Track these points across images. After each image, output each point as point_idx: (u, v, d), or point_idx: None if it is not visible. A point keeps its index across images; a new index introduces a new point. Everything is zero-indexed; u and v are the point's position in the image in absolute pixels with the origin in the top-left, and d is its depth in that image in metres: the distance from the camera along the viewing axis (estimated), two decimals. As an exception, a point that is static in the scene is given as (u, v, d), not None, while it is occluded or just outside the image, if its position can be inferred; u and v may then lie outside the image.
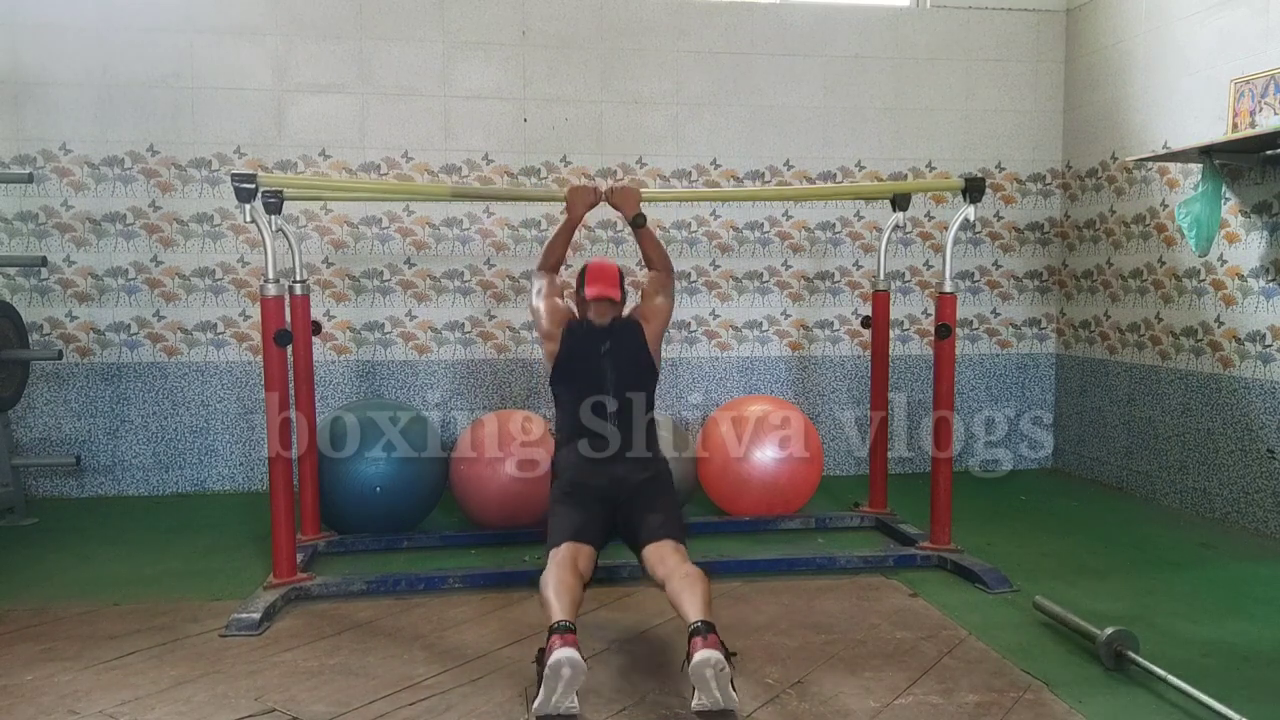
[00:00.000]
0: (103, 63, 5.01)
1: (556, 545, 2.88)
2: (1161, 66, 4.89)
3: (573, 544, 2.87)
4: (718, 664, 2.41)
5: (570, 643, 2.45)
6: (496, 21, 5.28)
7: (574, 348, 3.19)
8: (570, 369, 3.19)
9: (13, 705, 2.62)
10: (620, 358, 3.18)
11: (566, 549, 2.85)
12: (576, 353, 3.18)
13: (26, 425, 5.07)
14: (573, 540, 2.89)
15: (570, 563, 2.80)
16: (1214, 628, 3.19)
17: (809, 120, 5.56)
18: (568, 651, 2.42)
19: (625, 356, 3.18)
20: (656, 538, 2.91)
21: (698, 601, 2.60)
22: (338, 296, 5.28)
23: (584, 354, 3.18)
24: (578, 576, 2.76)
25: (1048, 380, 5.90)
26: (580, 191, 3.45)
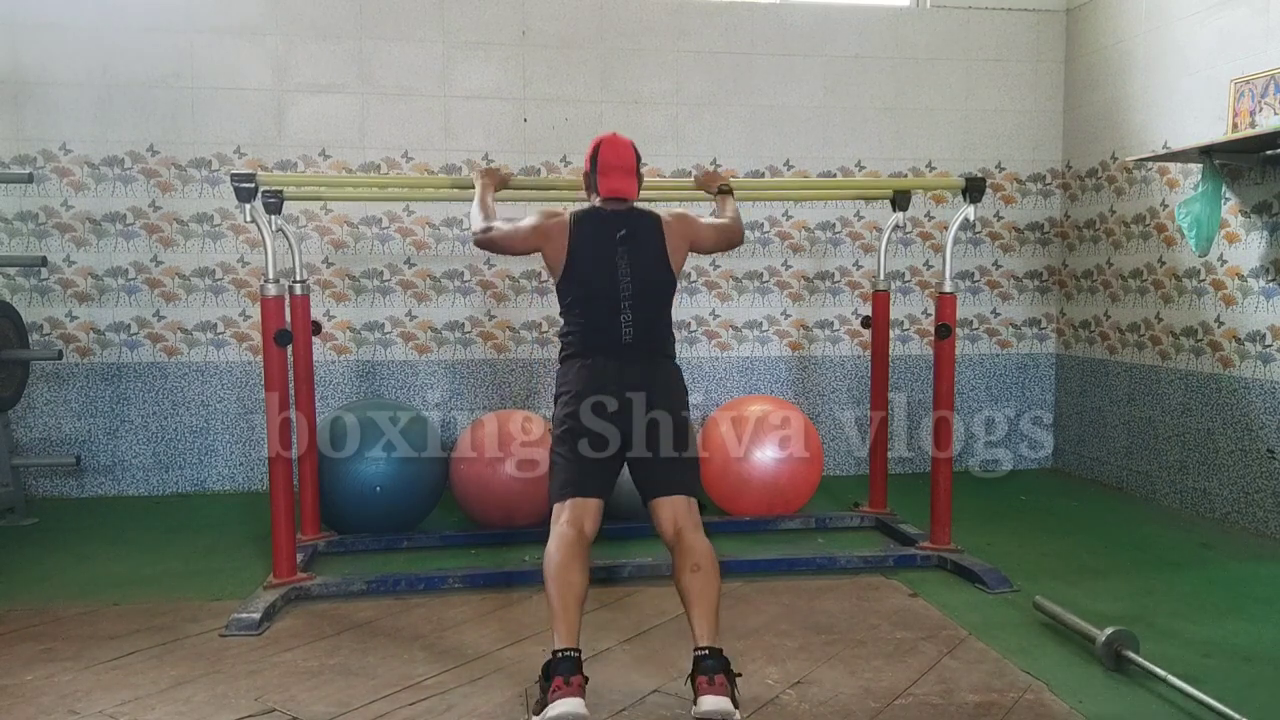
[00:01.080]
0: (103, 63, 5.01)
1: (560, 499, 2.69)
2: (1161, 66, 4.89)
3: (578, 501, 2.67)
4: (727, 716, 2.32)
5: (575, 689, 2.31)
6: (496, 21, 5.28)
7: (588, 237, 2.80)
8: (584, 263, 2.79)
9: (13, 705, 2.62)
10: (636, 251, 2.80)
11: (570, 510, 2.66)
12: (591, 243, 2.80)
13: (26, 425, 5.07)
14: (577, 495, 2.68)
15: (575, 532, 2.61)
16: (1214, 628, 3.18)
17: (809, 120, 5.56)
18: (571, 705, 2.28)
19: (642, 251, 2.81)
20: (668, 491, 2.71)
21: (708, 616, 2.48)
22: (338, 296, 5.28)
23: (598, 244, 2.79)
24: (584, 551, 2.60)
25: (1048, 380, 5.90)
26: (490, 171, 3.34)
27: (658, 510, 2.72)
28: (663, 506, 2.71)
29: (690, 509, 2.72)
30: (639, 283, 2.79)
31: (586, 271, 2.80)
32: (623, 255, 2.79)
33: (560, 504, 2.70)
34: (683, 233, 2.92)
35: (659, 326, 2.87)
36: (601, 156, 2.90)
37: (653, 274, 2.83)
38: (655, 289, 2.85)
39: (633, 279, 2.79)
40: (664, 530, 2.70)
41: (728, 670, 2.42)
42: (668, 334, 2.90)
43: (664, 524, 2.70)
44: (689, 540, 2.64)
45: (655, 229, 2.86)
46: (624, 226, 2.81)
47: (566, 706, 2.28)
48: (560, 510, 2.69)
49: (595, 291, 2.79)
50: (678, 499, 2.71)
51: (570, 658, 2.39)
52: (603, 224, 2.83)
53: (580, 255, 2.80)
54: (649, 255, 2.83)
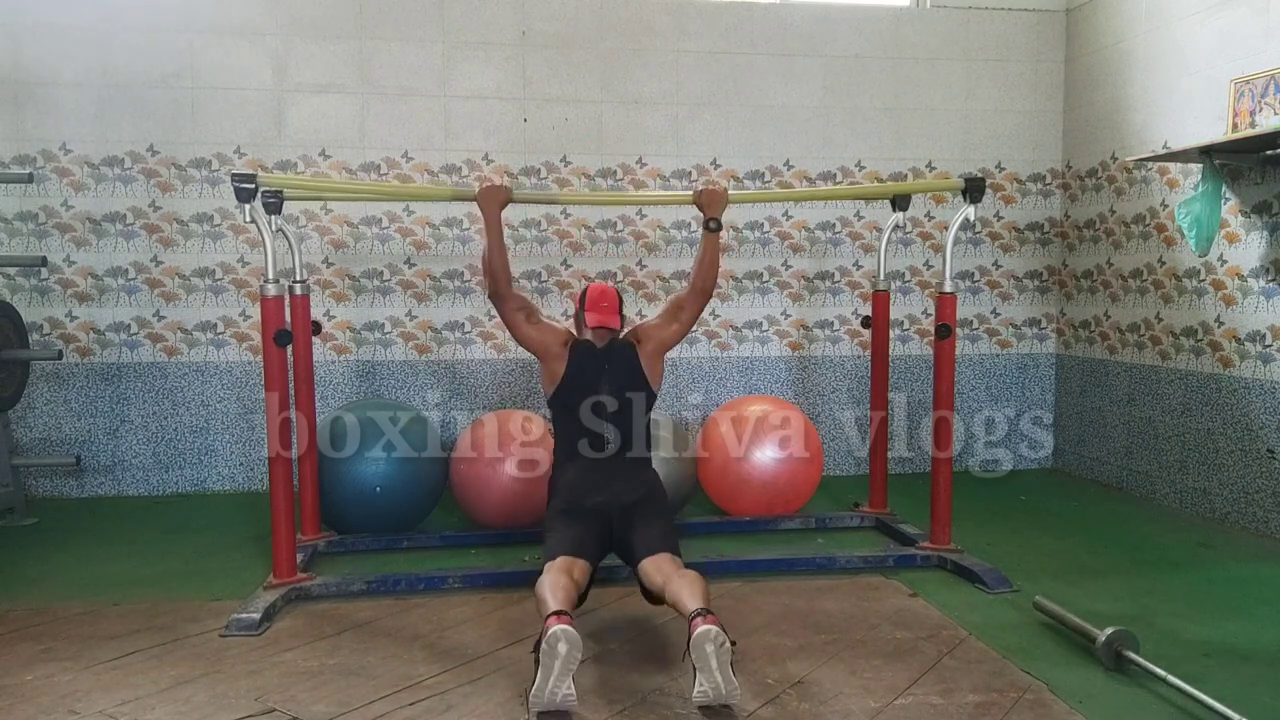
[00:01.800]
0: (103, 63, 5.01)
1: (552, 559, 2.91)
2: (1161, 66, 4.89)
3: (568, 557, 2.90)
4: (717, 637, 2.45)
5: (565, 621, 2.48)
6: (496, 21, 5.28)
7: (579, 368, 3.24)
8: (573, 389, 3.23)
9: (13, 705, 2.62)
10: (616, 379, 3.25)
11: (562, 561, 2.88)
12: (580, 373, 3.23)
13: (26, 425, 5.07)
14: (569, 554, 2.91)
15: (566, 571, 2.82)
16: (1214, 628, 3.18)
17: (809, 120, 5.56)
18: (563, 627, 2.45)
19: (621, 378, 3.25)
20: (653, 551, 2.94)
21: (697, 594, 2.65)
22: (338, 296, 5.28)
23: (586, 373, 3.24)
24: (573, 582, 2.78)
25: (1048, 380, 5.90)
26: (491, 191, 3.39)
27: (645, 570, 2.91)
28: (648, 564, 2.90)
29: (674, 559, 2.92)
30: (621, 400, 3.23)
31: (576, 394, 3.23)
32: (605, 386, 3.23)
33: (551, 561, 2.90)
34: (655, 347, 3.32)
35: (636, 433, 3.26)
36: (589, 297, 3.30)
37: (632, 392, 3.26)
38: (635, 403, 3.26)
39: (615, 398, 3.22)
40: (653, 583, 2.86)
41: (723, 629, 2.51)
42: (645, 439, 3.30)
43: (651, 577, 2.87)
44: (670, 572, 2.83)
45: (633, 356, 3.28)
46: (606, 361, 3.25)
47: (559, 629, 2.44)
48: (550, 566, 2.87)
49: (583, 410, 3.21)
50: (662, 555, 2.92)
51: (560, 611, 2.53)
52: (591, 356, 3.26)
53: (572, 381, 3.23)
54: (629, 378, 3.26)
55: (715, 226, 3.39)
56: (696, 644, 2.45)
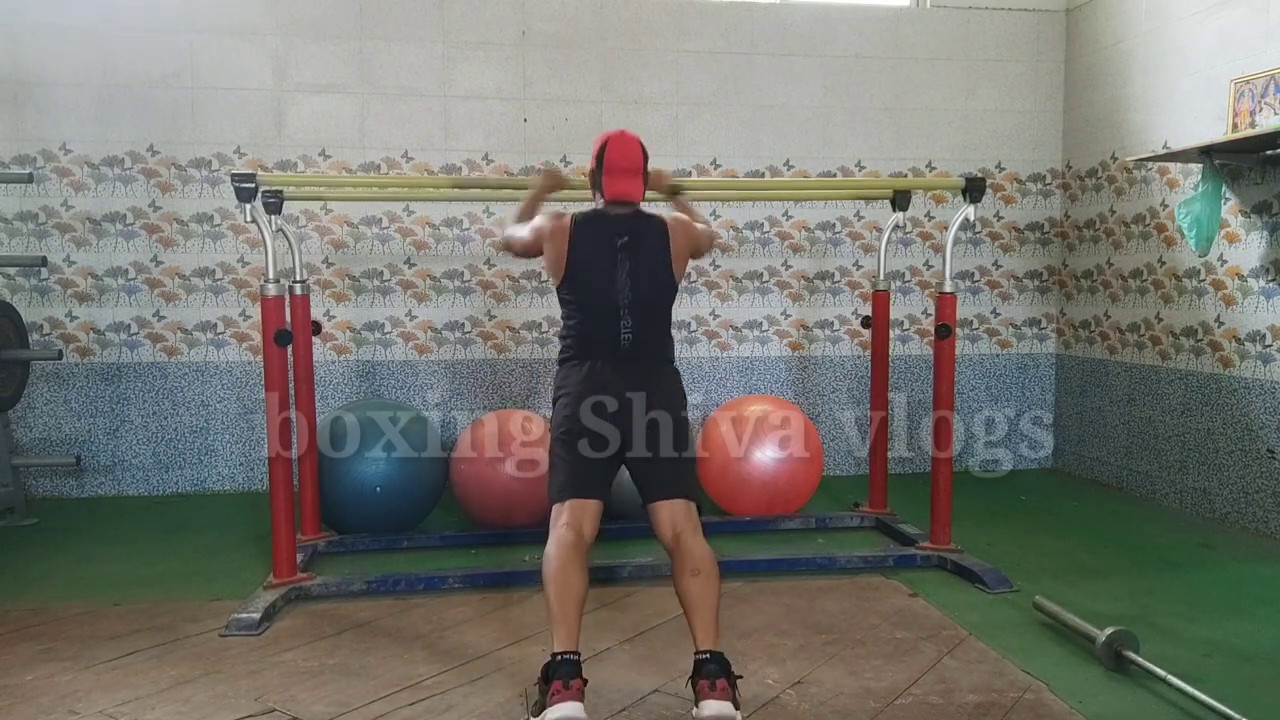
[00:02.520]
0: (103, 63, 5.01)
1: (559, 500, 2.68)
2: (1161, 66, 4.89)
3: (576, 503, 2.66)
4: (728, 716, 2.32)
5: (574, 693, 2.31)
6: (496, 21, 5.28)
7: (589, 242, 2.75)
8: (585, 266, 2.75)
9: (13, 705, 2.62)
10: (638, 256, 2.75)
11: (570, 511, 2.64)
12: (592, 247, 2.75)
13: (26, 425, 5.07)
14: (576, 496, 2.67)
15: (574, 534, 2.59)
16: (1214, 628, 3.18)
17: (809, 120, 5.56)
18: (570, 709, 2.28)
19: (644, 256, 2.76)
20: (668, 494, 2.69)
21: (708, 620, 2.48)
22: (338, 296, 5.28)
23: (599, 248, 2.74)
24: (582, 554, 2.58)
25: (1048, 380, 5.90)
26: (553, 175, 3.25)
27: (656, 513, 2.70)
28: (661, 510, 2.69)
29: (689, 513, 2.69)
30: (639, 289, 2.74)
31: (586, 276, 2.75)
32: (624, 261, 2.73)
33: (559, 505, 2.68)
34: (687, 238, 2.87)
35: (658, 333, 2.83)
36: (608, 156, 2.82)
37: (654, 280, 2.78)
38: (656, 295, 2.80)
39: (633, 286, 2.74)
40: (662, 534, 2.68)
41: (729, 674, 2.41)
42: (667, 339, 2.87)
43: (663, 527, 2.68)
44: (688, 544, 2.62)
45: (660, 234, 2.80)
46: (627, 232, 2.75)
47: (565, 711, 2.27)
48: (559, 512, 2.67)
49: (594, 297, 2.75)
50: (676, 503, 2.69)
51: (569, 661, 2.39)
52: (605, 228, 2.77)
53: (580, 260, 2.75)
54: (652, 261, 2.77)
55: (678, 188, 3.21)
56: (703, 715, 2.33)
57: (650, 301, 2.79)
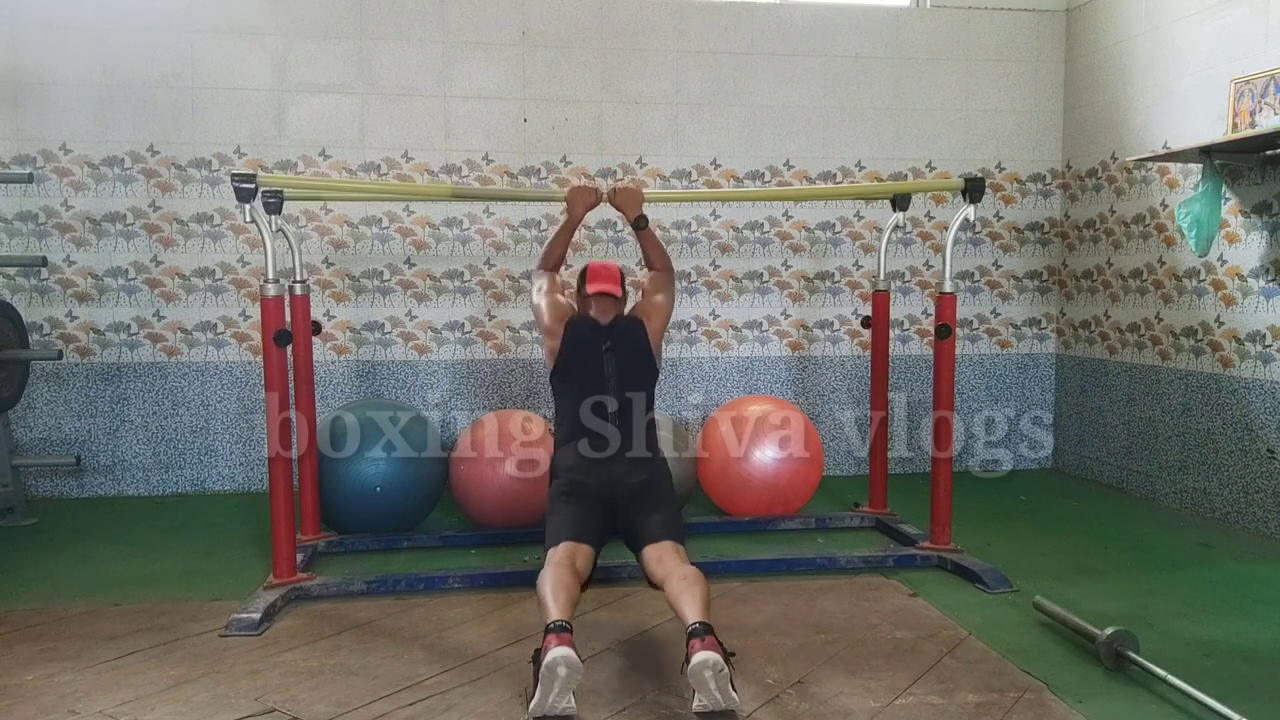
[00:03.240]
0: (103, 63, 5.01)
1: (554, 545, 2.87)
2: (1161, 66, 4.89)
3: (571, 544, 2.86)
4: (716, 665, 2.41)
5: (566, 641, 2.44)
6: (496, 21, 5.28)
7: (576, 344, 3.16)
8: (571, 366, 3.16)
9: (13, 705, 2.62)
10: (621, 355, 3.15)
11: (564, 549, 2.84)
12: (578, 349, 3.15)
13: (26, 425, 5.07)
14: (571, 540, 2.87)
15: (568, 562, 2.78)
16: (1214, 628, 3.18)
17: (809, 120, 5.56)
18: (564, 650, 2.40)
19: (626, 354, 3.16)
20: (656, 539, 2.90)
21: (696, 603, 2.59)
22: (338, 296, 5.28)
23: (585, 351, 3.15)
24: (575, 576, 2.76)
25: (1048, 380, 5.90)
26: (581, 191, 3.42)
27: (646, 558, 2.89)
28: (650, 552, 2.88)
29: (677, 550, 2.88)
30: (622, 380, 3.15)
31: (575, 371, 3.15)
32: (609, 361, 3.14)
33: (554, 548, 2.86)
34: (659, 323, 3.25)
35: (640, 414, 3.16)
36: (590, 269, 3.26)
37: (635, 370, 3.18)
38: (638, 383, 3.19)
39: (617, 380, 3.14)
40: (653, 572, 2.84)
41: (717, 638, 2.49)
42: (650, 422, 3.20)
43: (652, 566, 2.85)
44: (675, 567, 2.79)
45: (641, 332, 3.20)
46: (610, 338, 3.16)
47: (559, 653, 2.39)
48: (554, 553, 2.84)
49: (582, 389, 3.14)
50: (664, 543, 2.89)
51: (560, 623, 2.50)
52: (591, 332, 3.17)
53: (569, 357, 3.15)
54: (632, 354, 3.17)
55: (643, 224, 3.33)
56: (694, 671, 2.41)
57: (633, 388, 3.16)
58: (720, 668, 2.42)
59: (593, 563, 2.92)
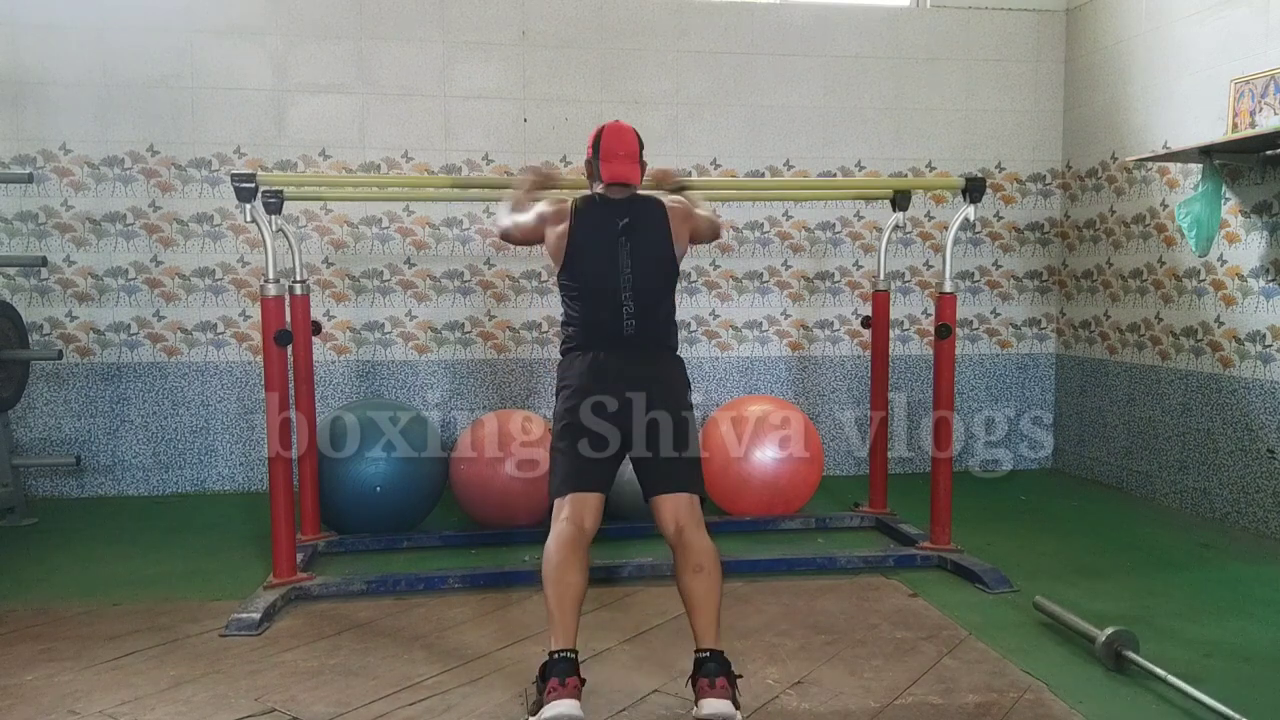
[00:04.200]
0: (103, 63, 5.01)
1: (560, 494, 2.67)
2: (1161, 66, 4.89)
3: (579, 496, 2.65)
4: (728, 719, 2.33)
5: (571, 690, 2.31)
6: (496, 21, 5.28)
7: (591, 226, 2.75)
8: (586, 252, 2.75)
9: (13, 705, 2.62)
10: (638, 239, 2.74)
11: (571, 505, 2.63)
12: (593, 232, 2.74)
13: (26, 425, 5.07)
14: (578, 490, 2.66)
15: (575, 529, 2.59)
16: (1214, 628, 3.18)
17: (809, 120, 5.56)
18: (566, 706, 2.28)
19: (644, 238, 2.75)
20: (670, 489, 2.67)
21: (709, 618, 2.48)
22: (338, 296, 5.28)
23: (600, 233, 2.74)
24: (583, 550, 2.57)
25: (1048, 380, 5.90)
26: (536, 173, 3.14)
27: (659, 507, 2.68)
28: (664, 504, 2.67)
29: (692, 506, 2.68)
30: (641, 272, 2.74)
31: (587, 261, 2.75)
32: (624, 244, 2.73)
33: (561, 499, 2.67)
34: (685, 219, 2.87)
35: (661, 316, 2.82)
36: (604, 143, 2.82)
37: (656, 262, 2.78)
38: (658, 278, 2.79)
39: (634, 269, 2.73)
40: (665, 528, 2.67)
41: (729, 673, 2.41)
42: (670, 324, 2.86)
43: (665, 522, 2.67)
44: (690, 539, 2.61)
45: (660, 215, 2.79)
46: (626, 215, 2.75)
47: (561, 708, 2.28)
48: (560, 506, 2.66)
49: (597, 281, 2.74)
50: (680, 496, 2.67)
51: (567, 659, 2.39)
52: (605, 212, 2.76)
53: (581, 245, 2.75)
54: (652, 243, 2.77)
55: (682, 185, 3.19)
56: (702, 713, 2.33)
57: (652, 284, 2.78)
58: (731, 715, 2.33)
59: (602, 510, 2.70)
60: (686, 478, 2.72)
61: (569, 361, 2.81)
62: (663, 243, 2.78)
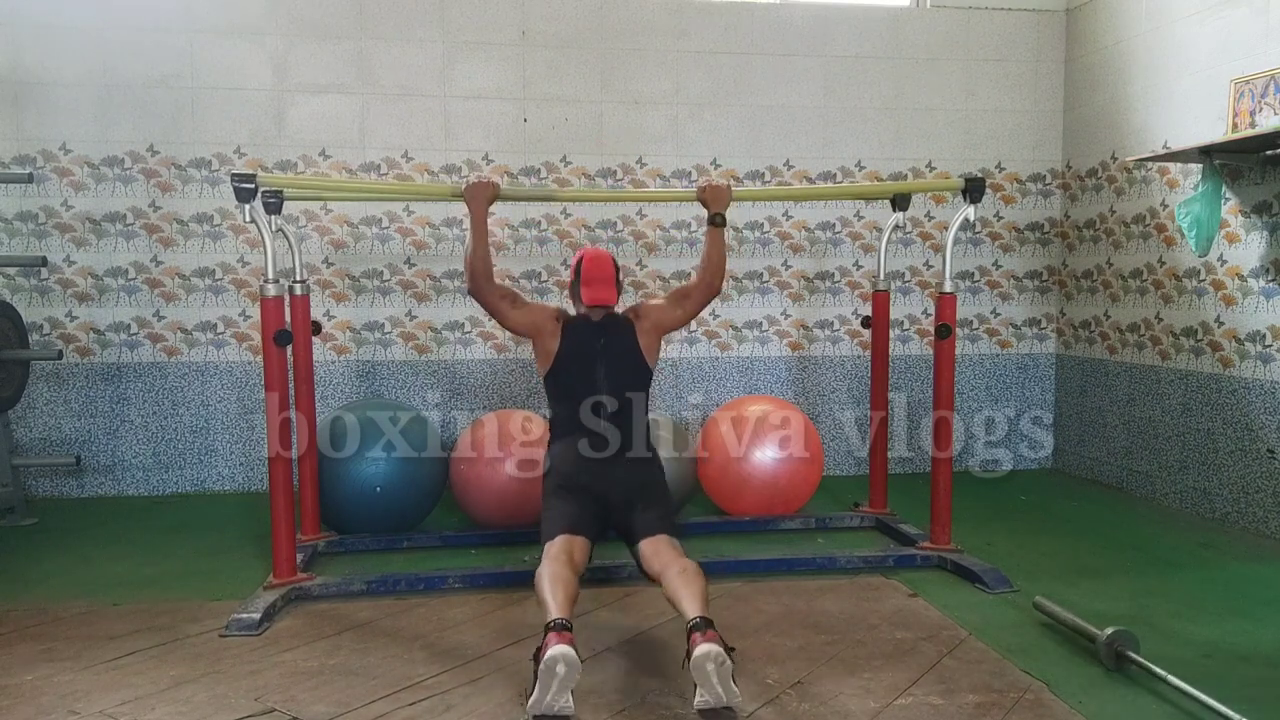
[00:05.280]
0: (103, 63, 5.01)
1: (551, 538, 2.89)
2: (1161, 66, 4.89)
3: (568, 536, 2.88)
4: (718, 657, 2.42)
5: (566, 640, 2.45)
6: (496, 21, 5.28)
7: (576, 343, 3.18)
8: (569, 365, 3.18)
9: (13, 705, 2.62)
10: (613, 354, 3.18)
11: (561, 542, 2.86)
12: (577, 348, 3.18)
13: (26, 425, 5.07)
14: (568, 533, 2.89)
15: (565, 556, 2.80)
16: (1214, 628, 3.18)
17: (809, 120, 5.56)
18: (563, 649, 2.41)
19: (618, 354, 3.19)
20: (652, 532, 2.93)
21: (696, 598, 2.61)
22: (338, 296, 5.28)
23: (582, 350, 3.18)
24: (573, 570, 2.77)
25: (1048, 380, 5.90)
26: (477, 188, 3.31)
27: (641, 553, 2.92)
28: (644, 547, 2.91)
29: (671, 544, 2.90)
30: (616, 383, 3.16)
31: (572, 373, 3.18)
32: (602, 358, 3.17)
33: (551, 541, 2.88)
34: (653, 326, 3.26)
35: (635, 414, 3.17)
36: (584, 270, 3.22)
37: (630, 370, 3.21)
38: (631, 383, 3.21)
39: (609, 379, 3.16)
40: (649, 566, 2.87)
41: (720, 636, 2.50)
42: (643, 421, 3.20)
43: (648, 560, 2.88)
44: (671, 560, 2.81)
45: (630, 332, 3.21)
46: (603, 335, 3.19)
47: (558, 650, 2.41)
48: (551, 546, 2.86)
49: (579, 389, 3.15)
50: (659, 538, 2.91)
51: (560, 621, 2.50)
52: (587, 332, 3.20)
53: (566, 358, 3.17)
54: (625, 354, 3.20)
55: (720, 221, 3.38)
56: (696, 664, 2.42)
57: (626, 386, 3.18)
58: (722, 660, 2.43)
59: (589, 556, 2.94)
60: (665, 523, 2.99)
61: (556, 449, 3.18)
62: (634, 354, 3.21)
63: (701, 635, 2.47)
